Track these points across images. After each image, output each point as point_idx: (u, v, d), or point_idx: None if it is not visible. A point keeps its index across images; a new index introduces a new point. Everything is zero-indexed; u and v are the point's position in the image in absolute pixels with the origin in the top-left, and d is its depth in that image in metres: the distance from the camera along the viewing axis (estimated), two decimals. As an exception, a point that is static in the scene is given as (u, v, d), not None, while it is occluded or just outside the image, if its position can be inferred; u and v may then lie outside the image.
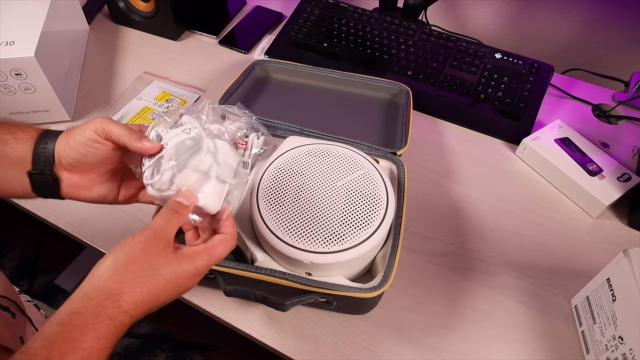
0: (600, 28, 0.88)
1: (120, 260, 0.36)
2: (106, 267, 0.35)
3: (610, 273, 0.50)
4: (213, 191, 0.42)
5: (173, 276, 0.37)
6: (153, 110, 0.78)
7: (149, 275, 0.36)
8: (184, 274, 0.38)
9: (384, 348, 0.52)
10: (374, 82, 0.75)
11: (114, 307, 0.34)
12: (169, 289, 0.37)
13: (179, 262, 0.38)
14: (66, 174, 0.44)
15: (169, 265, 0.37)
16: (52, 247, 1.36)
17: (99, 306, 0.33)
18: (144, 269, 0.36)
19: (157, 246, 0.37)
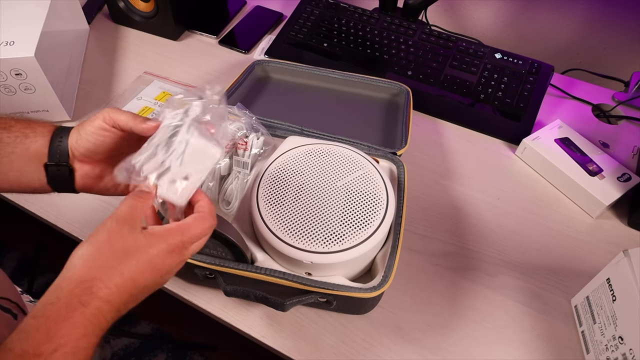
0: (600, 28, 0.88)
1: (88, 249, 0.36)
2: (77, 258, 0.35)
3: (610, 273, 0.50)
4: (173, 184, 0.42)
5: (146, 257, 0.36)
6: (153, 110, 0.78)
7: (119, 258, 0.35)
8: (159, 253, 0.37)
9: (384, 348, 0.52)
10: (374, 82, 0.75)
11: (86, 294, 0.33)
12: (145, 270, 0.36)
13: (148, 241, 0.37)
14: (78, 165, 0.46)
15: (137, 247, 0.36)
16: (52, 247, 1.36)
17: (70, 294, 0.33)
18: (112, 253, 0.36)
19: (121, 231, 0.37)
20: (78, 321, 0.32)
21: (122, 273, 0.35)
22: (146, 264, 0.36)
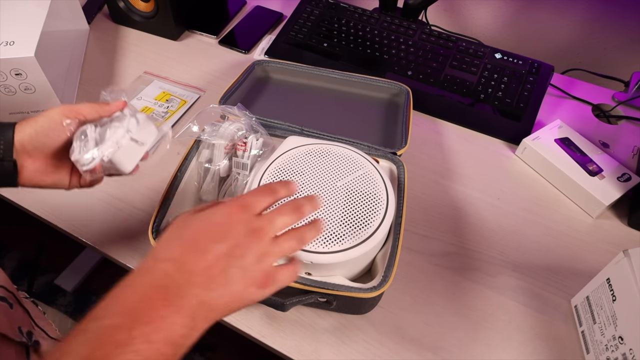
0: (600, 28, 0.88)
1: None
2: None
3: (610, 273, 0.50)
4: (125, 153, 0.49)
5: (205, 216, 0.36)
6: (153, 110, 0.78)
7: (180, 229, 0.36)
8: (216, 210, 0.37)
9: (384, 348, 0.52)
10: (374, 82, 0.75)
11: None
12: (204, 228, 0.36)
13: (201, 210, 0.38)
14: (29, 161, 0.46)
15: (191, 216, 0.37)
16: (52, 247, 1.36)
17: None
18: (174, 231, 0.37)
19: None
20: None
21: (182, 238, 0.35)
22: (204, 222, 0.36)
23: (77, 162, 0.46)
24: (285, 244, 0.37)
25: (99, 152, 0.47)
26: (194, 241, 0.35)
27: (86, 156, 0.46)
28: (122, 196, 0.65)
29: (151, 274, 0.33)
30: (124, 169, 0.50)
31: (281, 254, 0.37)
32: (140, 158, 0.51)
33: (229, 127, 0.59)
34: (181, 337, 0.31)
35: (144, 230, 0.62)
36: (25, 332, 0.52)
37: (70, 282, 1.28)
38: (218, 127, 0.59)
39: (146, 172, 0.54)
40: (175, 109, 0.78)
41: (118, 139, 0.48)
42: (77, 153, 0.46)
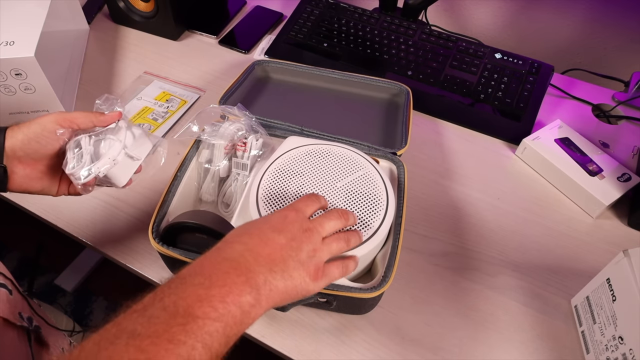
0: (600, 28, 0.88)
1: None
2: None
3: (610, 273, 0.50)
4: (120, 169, 0.50)
5: (266, 219, 0.42)
6: (153, 110, 0.78)
7: (245, 225, 0.42)
8: (275, 215, 0.43)
9: (384, 348, 0.52)
10: (374, 82, 0.75)
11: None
12: (267, 228, 0.41)
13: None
14: (20, 167, 0.47)
15: (252, 220, 0.43)
16: (52, 247, 1.36)
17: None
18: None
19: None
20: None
21: (249, 230, 0.41)
22: (266, 220, 0.42)
23: (71, 175, 0.47)
24: (334, 244, 0.43)
25: (95, 168, 0.47)
26: (258, 231, 0.40)
27: (82, 172, 0.46)
28: (122, 196, 0.65)
29: (224, 251, 0.38)
30: (118, 184, 0.50)
31: (330, 253, 0.43)
32: (133, 172, 0.51)
33: (229, 127, 0.59)
34: (249, 305, 0.35)
35: (144, 230, 0.62)
36: (26, 317, 0.52)
37: (70, 282, 1.28)
38: (218, 127, 0.59)
39: (146, 172, 0.55)
40: (175, 109, 0.78)
41: (114, 155, 0.48)
42: (71, 167, 0.47)
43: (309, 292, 0.40)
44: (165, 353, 0.29)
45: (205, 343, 0.31)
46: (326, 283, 0.42)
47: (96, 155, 0.48)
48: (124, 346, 0.29)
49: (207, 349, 0.31)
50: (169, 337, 0.30)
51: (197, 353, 0.31)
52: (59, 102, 0.70)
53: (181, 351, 0.30)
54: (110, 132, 0.50)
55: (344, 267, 0.44)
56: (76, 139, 0.48)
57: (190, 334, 0.31)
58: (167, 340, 0.30)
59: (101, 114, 0.49)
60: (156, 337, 0.30)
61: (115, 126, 0.50)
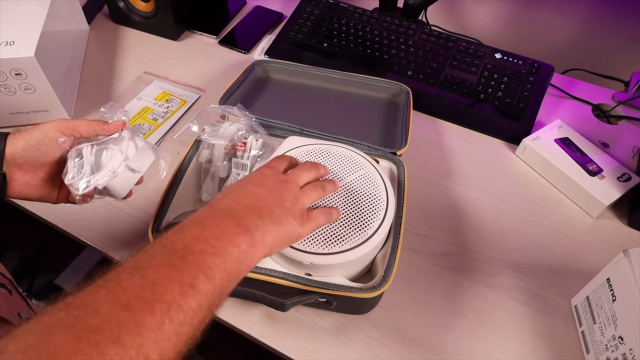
0: (600, 28, 0.88)
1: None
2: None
3: (610, 273, 0.50)
4: (120, 181, 0.49)
5: (243, 179, 0.45)
6: (153, 110, 0.78)
7: (226, 188, 0.44)
8: (247, 176, 0.45)
9: (384, 348, 0.52)
10: (374, 82, 0.75)
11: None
12: (234, 184, 0.44)
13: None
14: (19, 173, 0.46)
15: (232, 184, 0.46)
16: (52, 247, 1.36)
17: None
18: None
19: None
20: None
21: (233, 189, 0.43)
22: (246, 179, 0.44)
23: (70, 186, 0.46)
24: (312, 191, 0.46)
25: (94, 180, 0.46)
26: (240, 188, 0.42)
27: (80, 183, 0.46)
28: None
29: (212, 206, 0.39)
30: (117, 196, 0.50)
31: (310, 199, 0.45)
32: (134, 184, 0.51)
33: (229, 127, 0.59)
34: (245, 245, 0.36)
35: (144, 230, 0.62)
36: (25, 318, 0.52)
37: (70, 282, 1.28)
38: (218, 127, 0.59)
39: (146, 185, 0.55)
40: (175, 109, 0.78)
41: (114, 166, 0.48)
42: (70, 177, 0.46)
43: (300, 236, 0.43)
44: (169, 279, 0.31)
45: (206, 274, 0.33)
46: (313, 227, 0.45)
47: (97, 166, 0.48)
48: (129, 275, 0.31)
49: (210, 279, 0.33)
50: (171, 266, 0.32)
51: (200, 282, 0.32)
52: (59, 102, 0.70)
53: (184, 277, 0.31)
54: (112, 142, 0.49)
55: (328, 213, 0.47)
56: (78, 148, 0.47)
57: (191, 265, 0.32)
58: (170, 268, 0.32)
59: (105, 122, 0.49)
60: (158, 267, 0.31)
61: (119, 136, 0.50)
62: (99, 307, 0.28)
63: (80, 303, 0.28)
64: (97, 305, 0.28)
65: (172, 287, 0.30)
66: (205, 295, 0.32)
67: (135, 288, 0.30)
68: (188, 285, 0.31)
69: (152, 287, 0.30)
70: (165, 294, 0.30)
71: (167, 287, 0.30)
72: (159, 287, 0.30)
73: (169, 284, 0.30)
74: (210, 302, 0.32)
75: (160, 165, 0.55)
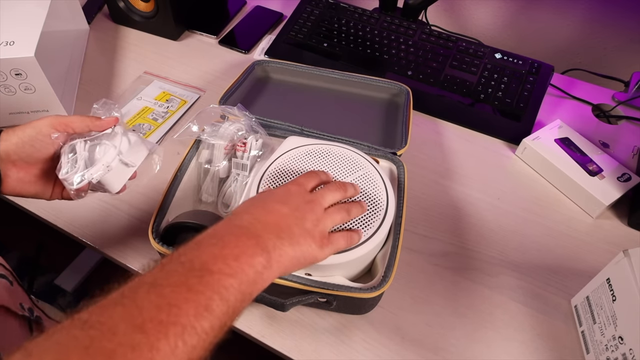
0: (600, 28, 0.88)
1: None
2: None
3: (610, 273, 0.50)
4: (114, 175, 0.49)
5: (269, 192, 0.45)
6: (153, 110, 0.78)
7: (250, 200, 0.44)
8: (279, 189, 0.45)
9: (384, 348, 0.52)
10: (374, 82, 0.75)
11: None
12: (269, 198, 0.43)
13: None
14: (14, 170, 0.47)
15: (257, 194, 0.47)
16: (52, 247, 1.36)
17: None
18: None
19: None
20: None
21: (255, 203, 0.43)
22: (270, 194, 0.44)
23: (64, 180, 0.46)
24: (336, 214, 0.45)
25: (88, 174, 0.47)
26: (263, 203, 0.42)
27: (75, 177, 0.46)
28: (122, 196, 0.65)
29: (233, 220, 0.40)
30: (112, 190, 0.50)
31: (333, 222, 0.44)
32: (127, 178, 0.51)
33: (229, 127, 0.59)
34: (261, 267, 0.36)
35: (144, 230, 0.61)
36: (27, 308, 0.52)
37: (70, 282, 1.28)
38: (218, 127, 0.59)
39: (140, 180, 0.55)
40: (175, 109, 0.78)
41: (108, 161, 0.48)
42: (64, 172, 0.46)
43: (317, 259, 0.42)
44: (185, 301, 0.31)
45: (222, 295, 0.33)
46: (333, 251, 0.44)
47: (90, 161, 0.48)
48: (146, 293, 0.31)
49: (224, 301, 0.33)
50: (188, 286, 0.32)
51: (215, 303, 0.32)
52: (59, 102, 0.70)
53: (200, 299, 0.31)
54: (105, 138, 0.49)
55: (349, 237, 0.46)
56: (71, 144, 0.48)
57: (208, 286, 0.32)
58: (187, 289, 0.32)
59: (97, 118, 0.49)
60: (175, 287, 0.32)
61: (112, 131, 0.50)
62: (115, 327, 0.28)
63: (96, 321, 0.28)
64: (113, 325, 0.28)
65: (187, 309, 0.30)
66: (218, 317, 0.32)
67: (152, 308, 0.30)
68: (203, 307, 0.31)
69: (167, 308, 0.30)
70: (180, 315, 0.30)
71: (183, 309, 0.30)
72: (174, 308, 0.30)
73: (185, 305, 0.31)
74: (222, 324, 0.33)
75: (153, 160, 0.55)
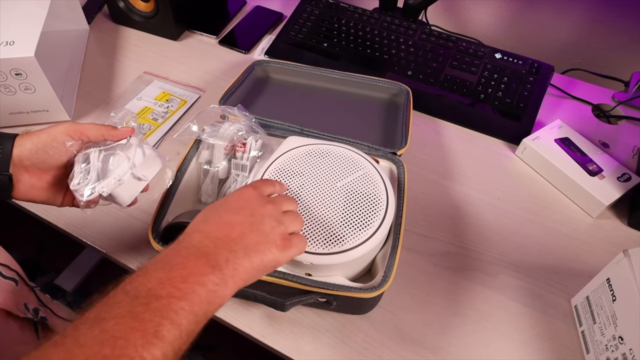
0: (600, 28, 0.88)
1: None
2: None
3: (610, 273, 0.50)
4: (125, 189, 0.49)
5: (223, 200, 0.42)
6: (153, 110, 0.78)
7: (205, 212, 0.41)
8: (233, 194, 0.43)
9: (384, 348, 0.52)
10: (374, 82, 0.75)
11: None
12: (223, 206, 0.41)
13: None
14: (26, 175, 0.46)
15: (213, 203, 0.43)
16: (52, 247, 1.36)
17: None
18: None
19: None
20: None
21: (206, 217, 0.40)
22: (223, 202, 0.42)
23: (75, 192, 0.46)
24: (295, 220, 0.43)
25: (99, 187, 0.46)
26: (215, 216, 0.40)
27: (85, 190, 0.46)
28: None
29: (183, 241, 0.38)
30: (122, 203, 0.50)
31: (293, 225, 0.43)
32: (139, 192, 0.50)
33: (229, 127, 0.59)
34: (213, 284, 0.35)
35: (144, 230, 0.62)
36: (31, 309, 0.52)
37: (70, 282, 1.28)
38: (218, 127, 0.59)
39: (152, 194, 0.55)
40: (175, 109, 0.78)
41: (120, 174, 0.47)
42: (76, 182, 0.46)
43: (279, 263, 0.40)
44: (131, 331, 0.29)
45: (172, 320, 0.31)
46: (296, 253, 0.42)
47: (103, 172, 0.47)
48: (88, 329, 0.29)
49: (176, 326, 0.31)
50: (133, 315, 0.30)
51: (165, 329, 0.30)
52: (59, 102, 0.70)
53: (147, 327, 0.30)
54: (120, 148, 0.48)
55: (304, 240, 0.44)
56: (85, 153, 0.47)
57: (155, 312, 0.31)
58: (132, 318, 0.30)
59: (113, 127, 0.48)
60: (120, 318, 0.30)
61: (127, 142, 0.49)
62: None
63: None
64: None
65: (134, 339, 0.29)
66: (170, 342, 0.30)
67: (94, 345, 0.28)
68: (152, 335, 0.29)
69: (112, 341, 0.28)
70: (126, 347, 0.28)
71: (129, 340, 0.29)
72: (119, 340, 0.28)
73: (131, 335, 0.29)
74: (177, 348, 0.31)
75: (166, 174, 0.54)
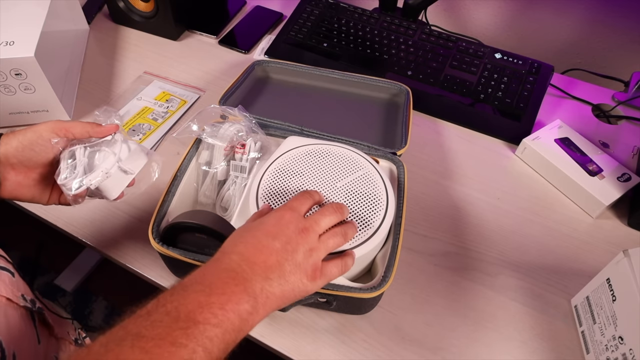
0: (600, 28, 0.88)
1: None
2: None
3: (610, 273, 0.50)
4: (112, 182, 0.50)
5: (260, 223, 0.42)
6: (153, 110, 0.78)
7: (241, 232, 0.42)
8: (269, 218, 0.43)
9: (384, 348, 0.52)
10: (374, 82, 0.75)
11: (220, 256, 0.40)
12: (262, 232, 0.41)
13: (256, 219, 0.44)
14: (12, 173, 0.47)
15: (248, 224, 0.44)
16: (52, 247, 1.36)
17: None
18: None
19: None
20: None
21: (244, 239, 0.41)
22: (260, 224, 0.42)
23: (63, 185, 0.47)
24: (331, 240, 0.43)
25: (87, 180, 0.47)
26: (253, 239, 0.40)
27: (73, 183, 0.46)
28: (122, 196, 0.65)
29: (221, 262, 0.39)
30: (109, 197, 0.50)
31: (327, 250, 0.43)
32: (126, 185, 0.51)
33: (229, 128, 0.59)
34: (246, 313, 0.36)
35: (144, 230, 0.61)
36: (29, 299, 0.52)
37: (70, 282, 1.28)
38: (218, 127, 0.59)
39: (138, 187, 0.55)
40: (175, 109, 0.78)
41: (107, 168, 0.48)
42: (63, 177, 0.46)
43: (308, 292, 0.41)
44: (168, 355, 0.31)
45: (205, 347, 0.32)
46: (325, 282, 0.42)
47: (90, 167, 0.48)
48: (130, 347, 0.30)
49: (208, 353, 0.32)
50: (172, 340, 0.31)
51: (198, 356, 0.32)
52: (59, 102, 0.70)
53: (183, 354, 0.31)
54: (105, 144, 0.50)
55: (343, 264, 0.44)
56: (71, 149, 0.48)
57: (192, 338, 0.32)
58: (170, 342, 0.31)
59: (98, 125, 0.49)
60: (159, 340, 0.31)
61: (112, 138, 0.50)
62: None
63: None
64: None
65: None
66: None
67: None
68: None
69: None
70: None
71: None
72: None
73: (169, 358, 0.30)
74: None
75: (152, 168, 0.55)
